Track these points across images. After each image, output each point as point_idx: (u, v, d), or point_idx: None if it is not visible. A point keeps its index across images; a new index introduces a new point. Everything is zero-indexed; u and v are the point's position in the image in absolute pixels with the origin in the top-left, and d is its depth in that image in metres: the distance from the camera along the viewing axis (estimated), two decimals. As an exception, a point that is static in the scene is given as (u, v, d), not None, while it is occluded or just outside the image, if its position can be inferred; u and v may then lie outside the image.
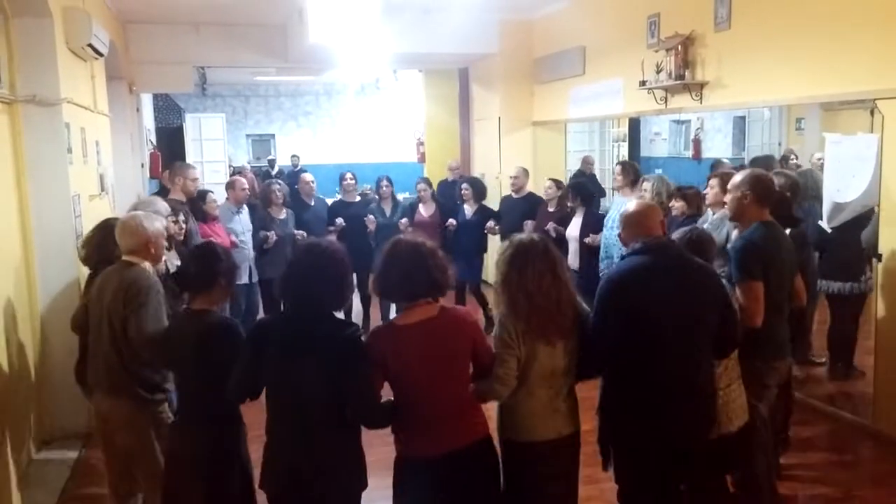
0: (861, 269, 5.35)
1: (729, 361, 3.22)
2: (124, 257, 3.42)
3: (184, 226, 5.00)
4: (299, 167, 15.52)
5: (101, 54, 6.03)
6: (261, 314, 6.49)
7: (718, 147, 13.38)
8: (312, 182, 7.49)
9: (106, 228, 3.86)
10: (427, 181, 7.71)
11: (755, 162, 7.36)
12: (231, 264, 3.18)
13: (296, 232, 6.83)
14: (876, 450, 4.71)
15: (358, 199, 7.79)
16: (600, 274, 6.06)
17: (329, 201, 7.90)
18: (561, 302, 2.82)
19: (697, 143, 13.95)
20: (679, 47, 6.19)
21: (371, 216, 7.29)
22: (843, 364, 5.65)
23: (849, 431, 4.94)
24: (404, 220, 7.28)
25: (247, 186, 6.85)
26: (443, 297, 2.82)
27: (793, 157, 9.74)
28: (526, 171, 7.69)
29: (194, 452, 2.95)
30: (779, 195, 4.10)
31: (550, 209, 6.95)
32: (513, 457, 2.91)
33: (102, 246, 3.82)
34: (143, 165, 9.77)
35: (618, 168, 6.53)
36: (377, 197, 7.63)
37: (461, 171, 9.75)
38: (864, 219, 5.10)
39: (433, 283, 2.72)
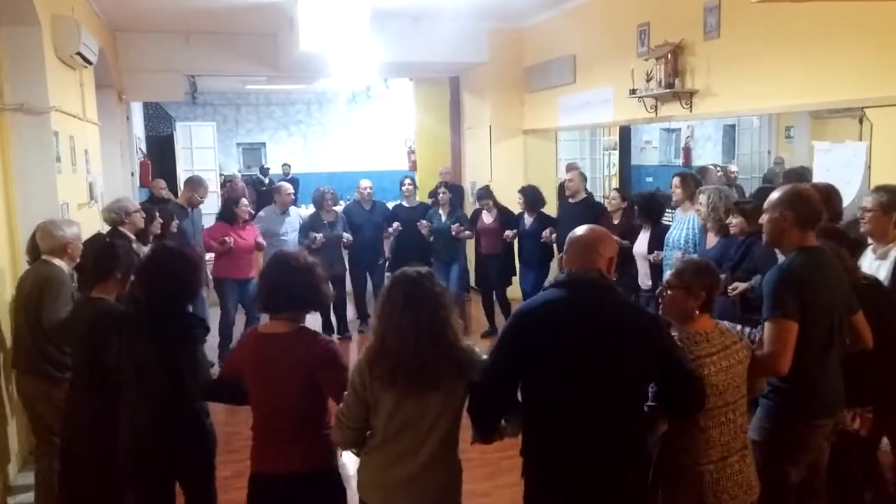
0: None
1: (711, 432, 2.62)
2: (43, 257, 4.01)
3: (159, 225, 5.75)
4: (290, 176, 15.51)
5: (89, 62, 6.01)
6: None
7: (709, 155, 13.45)
8: (369, 188, 7.96)
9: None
10: (488, 191, 7.59)
11: (789, 175, 7.08)
12: (129, 261, 3.57)
13: (343, 235, 7.46)
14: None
15: (417, 203, 8.05)
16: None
17: (390, 206, 8.35)
18: (422, 345, 2.40)
19: (688, 152, 14.02)
20: (669, 56, 6.20)
21: (424, 221, 7.53)
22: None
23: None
24: (456, 225, 7.40)
25: (292, 192, 7.63)
26: (310, 314, 2.87)
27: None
28: (581, 174, 7.24)
29: (87, 414, 3.39)
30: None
31: (615, 221, 6.33)
32: None
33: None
34: (133, 174, 9.71)
35: (676, 180, 5.73)
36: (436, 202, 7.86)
37: (451, 178, 9.75)
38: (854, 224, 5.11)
39: (296, 297, 2.73)
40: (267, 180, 15.25)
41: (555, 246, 7.04)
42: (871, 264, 3.78)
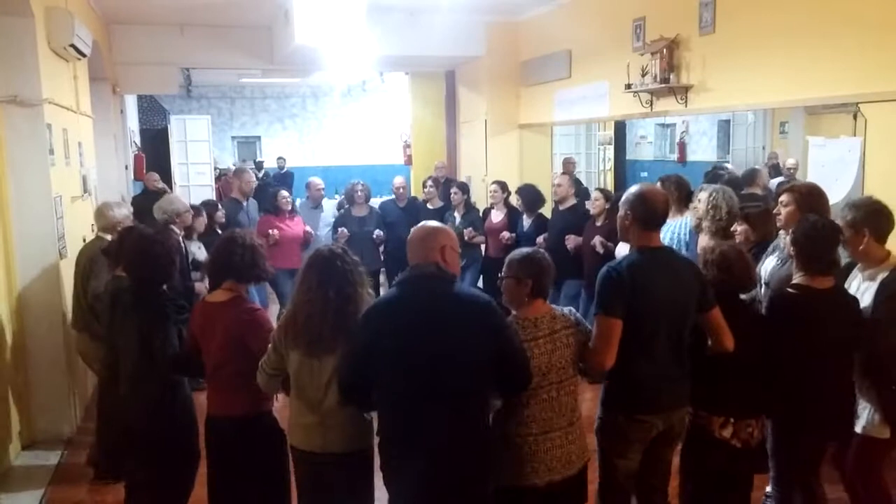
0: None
1: (532, 408, 2.83)
2: (98, 233, 4.82)
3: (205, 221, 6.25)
4: (285, 170, 15.48)
5: (83, 55, 5.98)
6: None
7: (703, 150, 13.50)
8: (402, 186, 7.98)
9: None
10: (502, 185, 7.31)
11: (731, 181, 6.61)
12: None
13: (375, 231, 7.34)
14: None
15: (440, 204, 7.88)
16: None
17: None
18: (327, 317, 2.80)
19: (682, 147, 14.07)
20: (664, 51, 6.20)
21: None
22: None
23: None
24: (468, 230, 7.09)
25: (322, 186, 7.64)
26: (248, 284, 3.33)
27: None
28: (572, 178, 6.84)
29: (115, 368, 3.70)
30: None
31: (598, 223, 6.06)
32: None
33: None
34: (127, 167, 9.69)
35: (657, 185, 5.25)
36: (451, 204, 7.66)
37: (447, 173, 9.74)
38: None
39: (233, 268, 3.20)
40: (262, 174, 15.23)
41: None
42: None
